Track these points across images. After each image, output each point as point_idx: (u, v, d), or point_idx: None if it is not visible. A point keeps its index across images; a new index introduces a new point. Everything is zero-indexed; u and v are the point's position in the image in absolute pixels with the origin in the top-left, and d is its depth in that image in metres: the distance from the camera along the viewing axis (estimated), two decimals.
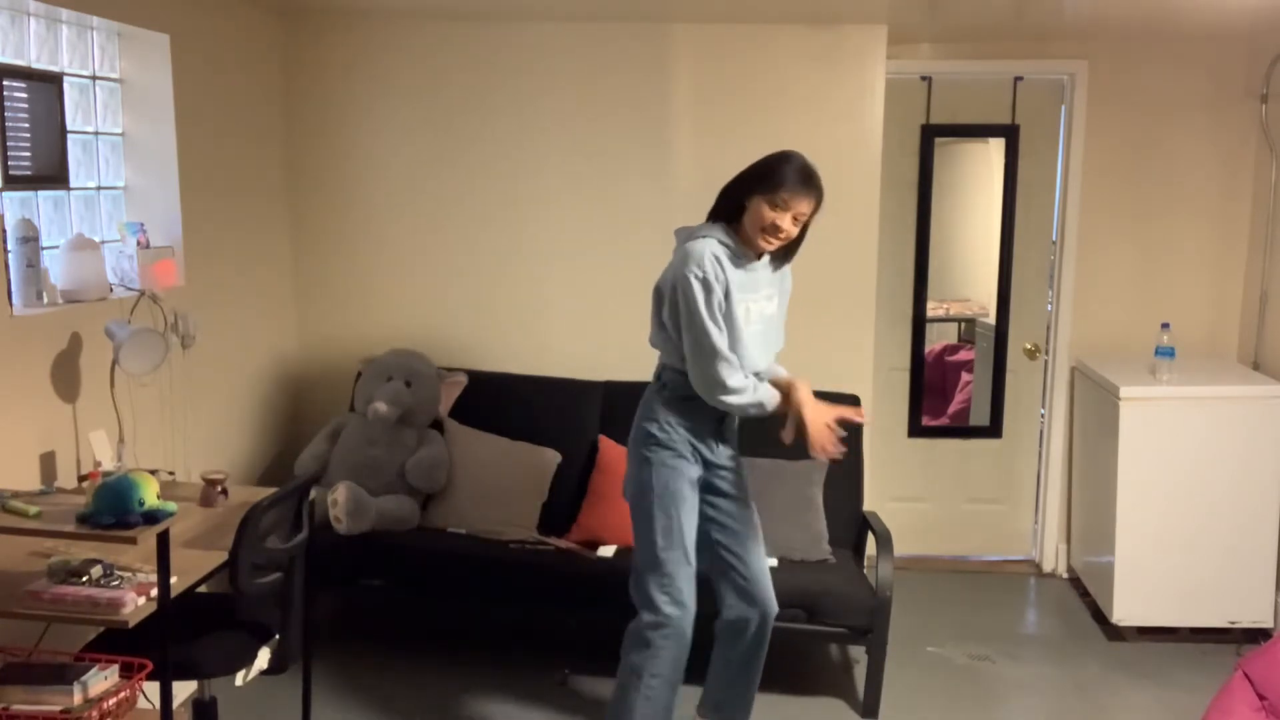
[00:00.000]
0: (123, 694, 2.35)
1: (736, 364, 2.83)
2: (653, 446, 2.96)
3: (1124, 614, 4.12)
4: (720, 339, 2.81)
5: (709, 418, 2.98)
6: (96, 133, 3.43)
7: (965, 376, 4.97)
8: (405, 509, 3.86)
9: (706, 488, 3.03)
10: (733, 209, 2.88)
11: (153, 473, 2.49)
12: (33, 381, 2.88)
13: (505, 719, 3.48)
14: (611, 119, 4.31)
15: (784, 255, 2.98)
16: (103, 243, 3.34)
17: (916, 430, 4.89)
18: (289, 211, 4.43)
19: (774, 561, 3.69)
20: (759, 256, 2.92)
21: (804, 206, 2.83)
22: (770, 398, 2.88)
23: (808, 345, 4.23)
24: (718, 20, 4.20)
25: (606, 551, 3.77)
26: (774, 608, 3.05)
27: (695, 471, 2.98)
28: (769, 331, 2.99)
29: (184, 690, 3.11)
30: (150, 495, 2.32)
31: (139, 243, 3.38)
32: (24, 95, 3.06)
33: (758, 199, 2.82)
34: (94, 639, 2.63)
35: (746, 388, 2.85)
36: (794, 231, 2.86)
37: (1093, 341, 4.69)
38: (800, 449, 2.94)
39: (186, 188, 3.59)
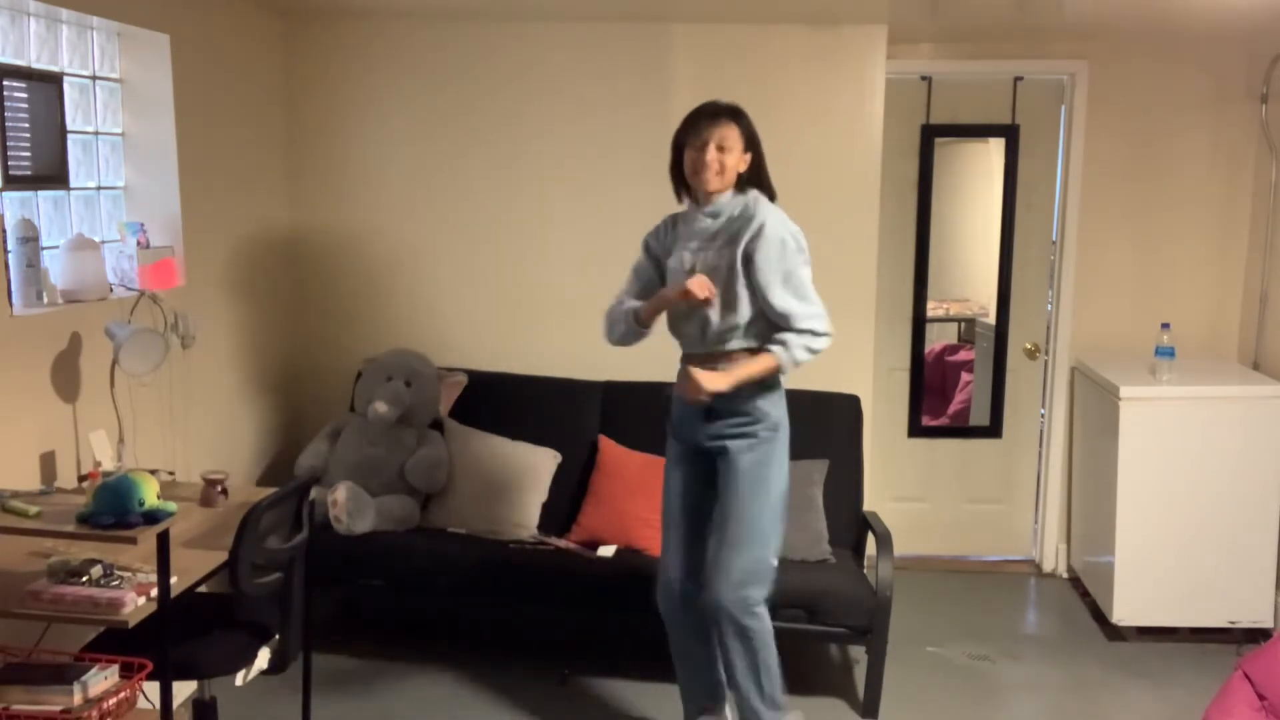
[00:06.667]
0: (123, 694, 2.35)
1: (613, 306, 3.07)
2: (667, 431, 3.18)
3: (1124, 614, 4.12)
4: (622, 290, 3.11)
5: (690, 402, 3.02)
6: (96, 133, 3.43)
7: (965, 376, 4.97)
8: (405, 509, 3.86)
9: (709, 468, 3.05)
10: (681, 175, 3.02)
11: (153, 473, 2.49)
12: (33, 381, 2.88)
13: (505, 719, 3.48)
14: (611, 119, 4.31)
15: (752, 183, 2.98)
16: (103, 243, 3.34)
17: (916, 430, 4.89)
18: (289, 211, 4.43)
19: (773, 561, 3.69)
20: (708, 203, 2.96)
21: (723, 131, 2.90)
22: (628, 309, 3.02)
23: None
24: (718, 20, 4.20)
25: (606, 551, 3.77)
26: (714, 599, 2.95)
27: (685, 452, 3.09)
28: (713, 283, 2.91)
29: (184, 690, 3.11)
30: (150, 495, 2.32)
31: (139, 243, 3.38)
32: (24, 95, 3.06)
33: (685, 153, 2.96)
34: (94, 639, 2.63)
35: (611, 316, 3.08)
36: (725, 159, 2.89)
37: (1093, 341, 4.69)
38: (801, 450, 3.00)
39: (186, 188, 3.58)
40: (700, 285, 2.84)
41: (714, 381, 2.84)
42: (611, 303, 3.12)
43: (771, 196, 3.00)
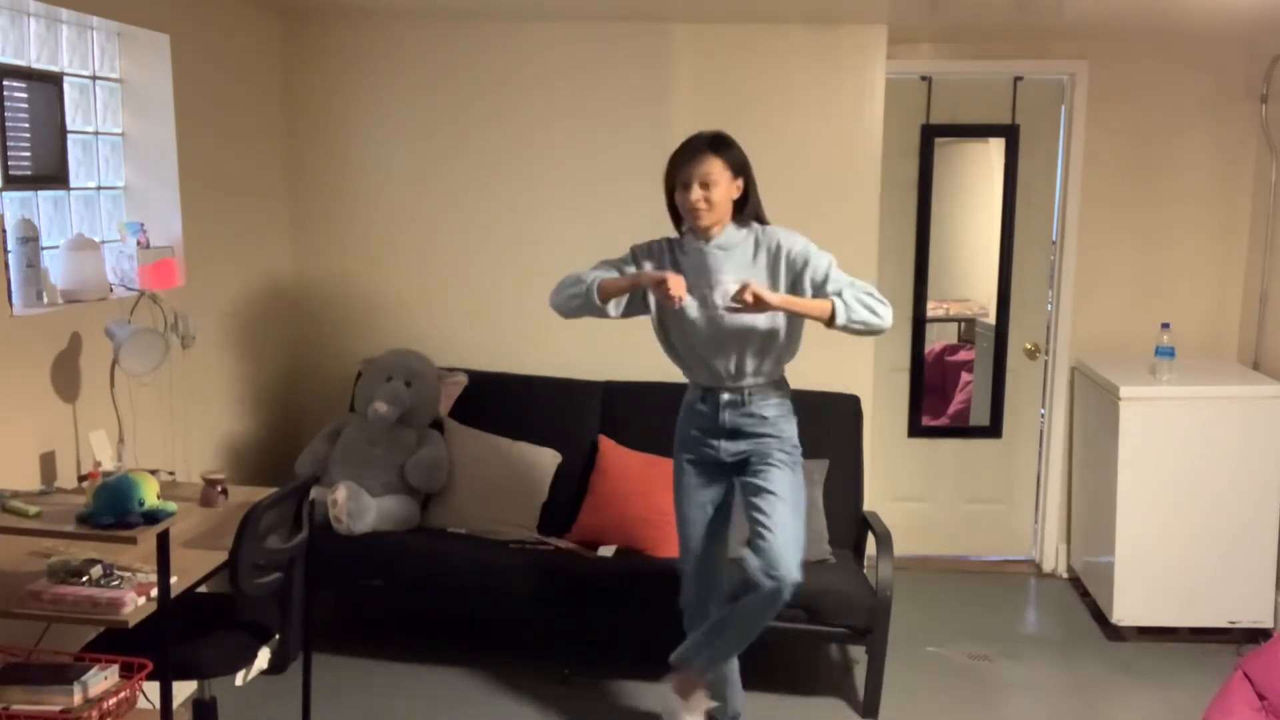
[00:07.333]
0: (123, 694, 2.35)
1: (572, 274, 3.02)
2: (675, 449, 3.14)
3: (1124, 614, 4.12)
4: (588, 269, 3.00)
5: (705, 416, 3.03)
6: (96, 133, 3.43)
7: (965, 376, 4.97)
8: (405, 509, 3.86)
9: (738, 474, 3.02)
10: (678, 212, 3.00)
11: (153, 473, 2.49)
12: (33, 381, 2.88)
13: (505, 719, 3.48)
14: (611, 119, 4.31)
15: (740, 212, 2.95)
16: (103, 243, 3.34)
17: (916, 430, 4.89)
18: (289, 211, 4.43)
19: None
20: (708, 238, 2.93)
21: (705, 168, 2.86)
22: (594, 279, 2.96)
23: (808, 345, 4.22)
24: (718, 20, 4.20)
25: (606, 551, 3.77)
26: (788, 576, 2.82)
27: (701, 472, 3.06)
28: (736, 316, 2.90)
29: (184, 690, 3.11)
30: (150, 495, 2.32)
31: (139, 243, 3.38)
32: (24, 95, 3.06)
33: (675, 195, 2.95)
34: (94, 639, 2.63)
35: (564, 281, 3.01)
36: (710, 195, 2.86)
37: (1093, 341, 4.69)
38: (802, 450, 3.02)
39: (186, 188, 3.58)
40: (679, 286, 2.81)
41: (767, 294, 2.76)
42: (572, 273, 3.04)
43: (762, 221, 3.00)
